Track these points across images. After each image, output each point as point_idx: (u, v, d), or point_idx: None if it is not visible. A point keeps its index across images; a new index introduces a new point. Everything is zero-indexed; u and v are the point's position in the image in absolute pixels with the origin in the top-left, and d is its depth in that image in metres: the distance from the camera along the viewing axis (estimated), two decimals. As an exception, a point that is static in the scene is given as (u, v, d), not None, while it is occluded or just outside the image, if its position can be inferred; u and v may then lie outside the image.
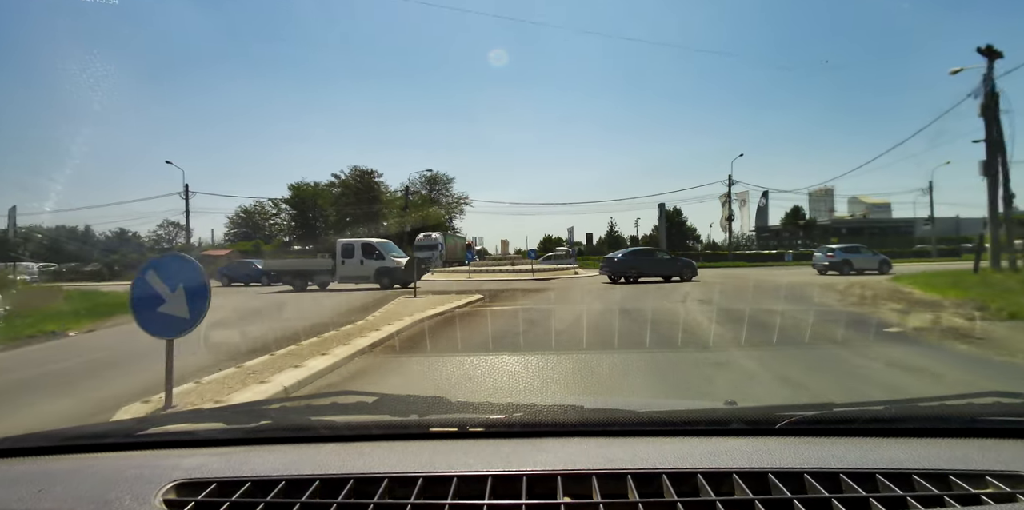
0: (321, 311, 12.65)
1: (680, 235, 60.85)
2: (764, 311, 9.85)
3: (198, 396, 4.56)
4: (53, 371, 6.52)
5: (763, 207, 48.69)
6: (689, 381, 4.99)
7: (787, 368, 5.39)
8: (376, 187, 56.65)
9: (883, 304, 10.56)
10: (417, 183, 68.99)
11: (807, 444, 1.04)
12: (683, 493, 0.86)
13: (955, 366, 5.52)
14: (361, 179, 56.76)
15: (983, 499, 0.82)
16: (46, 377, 6.15)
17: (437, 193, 71.68)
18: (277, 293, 19.95)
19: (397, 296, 14.59)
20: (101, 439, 1.19)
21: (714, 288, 16.34)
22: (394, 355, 6.79)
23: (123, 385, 5.26)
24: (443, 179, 70.03)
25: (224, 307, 10.91)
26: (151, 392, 4.38)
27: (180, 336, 4.03)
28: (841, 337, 6.94)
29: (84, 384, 5.71)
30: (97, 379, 5.95)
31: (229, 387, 4.79)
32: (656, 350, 6.40)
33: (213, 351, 6.16)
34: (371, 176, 56.95)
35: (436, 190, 71.26)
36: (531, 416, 1.18)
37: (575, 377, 5.31)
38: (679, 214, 63.10)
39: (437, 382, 5.21)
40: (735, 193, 46.32)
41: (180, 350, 4.23)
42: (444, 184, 70.84)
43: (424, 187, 70.44)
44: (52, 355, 7.86)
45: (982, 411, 1.16)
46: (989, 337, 6.80)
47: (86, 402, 4.86)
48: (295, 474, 0.94)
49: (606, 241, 70.26)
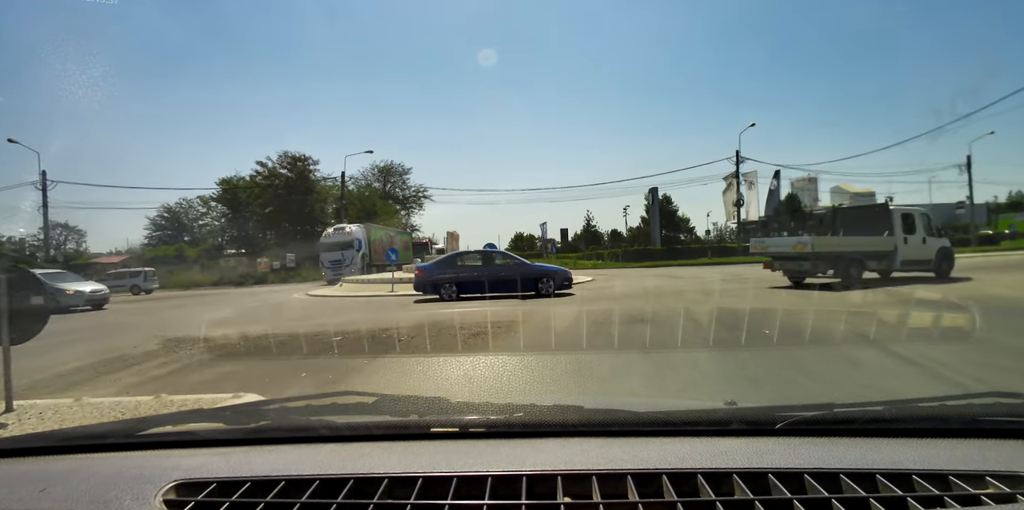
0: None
1: (671, 226, 52.93)
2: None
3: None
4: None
5: (775, 190, 40.46)
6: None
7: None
8: (311, 176, 46.96)
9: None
10: (369, 174, 59.42)
11: (807, 444, 1.03)
12: (683, 493, 0.85)
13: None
14: (292, 167, 46.95)
15: (983, 499, 0.81)
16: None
17: (392, 186, 62.25)
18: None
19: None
20: (101, 439, 1.19)
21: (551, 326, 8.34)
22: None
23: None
24: (398, 170, 60.70)
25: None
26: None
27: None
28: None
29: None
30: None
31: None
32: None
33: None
34: (305, 163, 47.18)
35: (391, 182, 61.83)
36: (531, 416, 1.18)
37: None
38: (669, 202, 55.26)
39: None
40: (743, 174, 38.53)
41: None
42: (400, 175, 61.46)
43: (376, 178, 60.87)
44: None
45: (982, 411, 1.14)
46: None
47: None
48: (295, 474, 0.94)
49: (583, 237, 62.11)
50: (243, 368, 6.28)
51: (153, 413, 4.07)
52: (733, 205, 39.27)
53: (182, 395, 4.68)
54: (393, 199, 60.26)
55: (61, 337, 9.57)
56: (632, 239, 55.02)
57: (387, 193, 60.18)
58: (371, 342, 7.26)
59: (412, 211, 62.18)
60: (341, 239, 30.86)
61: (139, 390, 5.26)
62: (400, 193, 62.07)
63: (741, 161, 38.41)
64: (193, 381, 5.62)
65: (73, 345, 8.76)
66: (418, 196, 61.18)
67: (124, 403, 4.51)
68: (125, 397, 4.84)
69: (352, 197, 48.46)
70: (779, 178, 39.92)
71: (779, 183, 39.99)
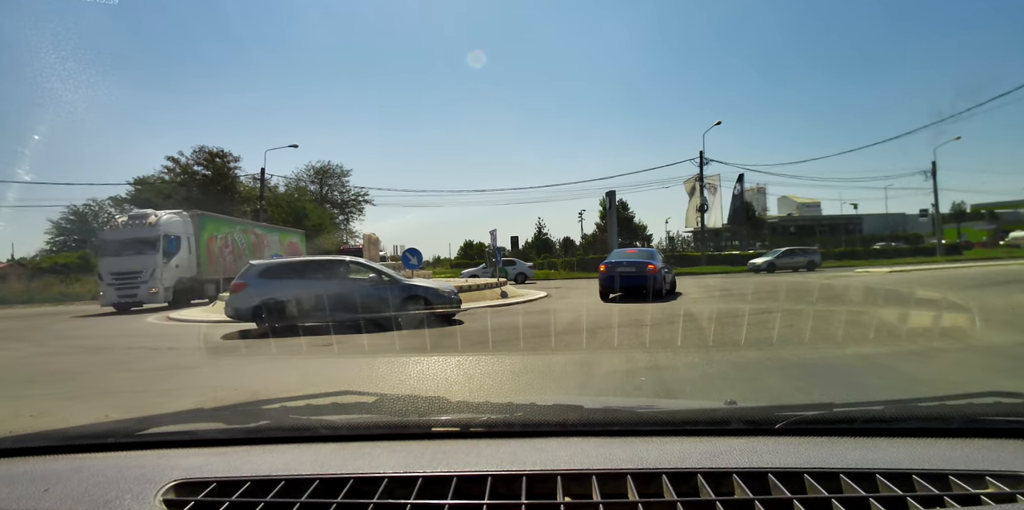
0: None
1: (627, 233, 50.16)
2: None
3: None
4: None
5: (738, 194, 37.91)
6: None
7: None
8: (230, 174, 41.63)
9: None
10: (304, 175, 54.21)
11: (807, 444, 1.03)
12: (683, 493, 0.85)
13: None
14: (210, 163, 41.51)
15: (983, 499, 0.81)
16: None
17: (330, 189, 57.22)
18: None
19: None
20: (101, 439, 1.19)
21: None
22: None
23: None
24: (336, 171, 55.72)
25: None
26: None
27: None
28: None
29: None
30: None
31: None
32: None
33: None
34: (224, 159, 41.83)
35: (329, 185, 56.78)
36: (531, 416, 1.18)
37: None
38: (625, 208, 52.49)
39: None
40: (706, 177, 35.66)
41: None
42: (338, 177, 56.45)
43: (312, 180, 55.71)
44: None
45: (982, 411, 1.15)
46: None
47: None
48: (295, 474, 0.94)
49: (533, 245, 58.91)
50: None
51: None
52: (697, 210, 36.48)
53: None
54: (331, 203, 55.29)
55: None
56: (587, 247, 52.19)
57: (324, 196, 55.16)
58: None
59: (352, 216, 57.23)
60: (138, 235, 18.49)
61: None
62: (338, 197, 57.13)
63: (705, 163, 35.72)
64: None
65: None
66: (357, 200, 56.37)
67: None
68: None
69: (280, 199, 43.41)
70: (743, 182, 37.68)
71: (742, 187, 37.70)
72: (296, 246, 30.12)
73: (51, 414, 4.29)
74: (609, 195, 37.75)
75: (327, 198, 55.54)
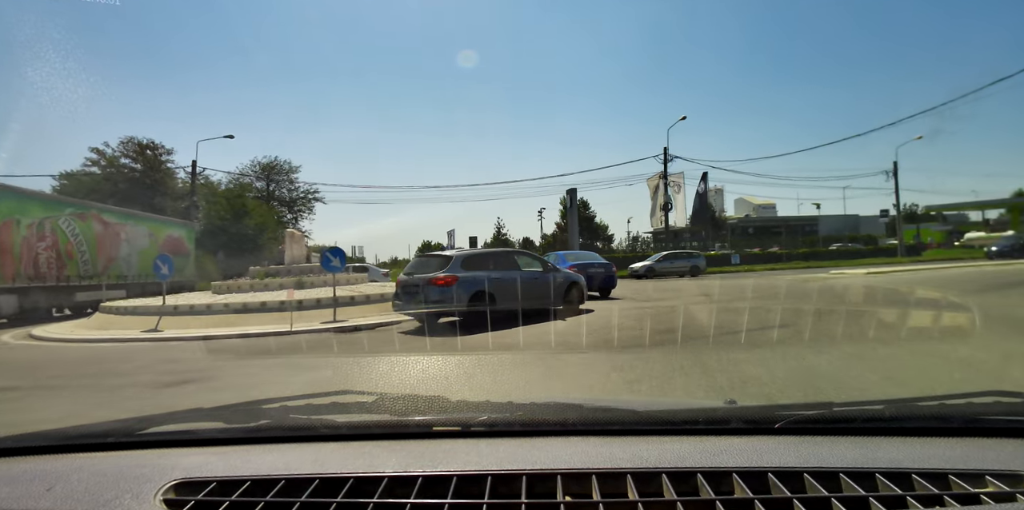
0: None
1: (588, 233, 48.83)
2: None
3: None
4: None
5: (702, 193, 36.79)
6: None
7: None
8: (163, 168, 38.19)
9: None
10: (250, 170, 50.83)
11: (807, 443, 1.02)
12: (683, 492, 0.85)
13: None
14: (139, 156, 37.97)
15: (983, 499, 0.80)
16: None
17: (278, 186, 53.91)
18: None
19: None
20: (101, 438, 1.18)
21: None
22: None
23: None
24: (284, 168, 52.50)
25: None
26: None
27: None
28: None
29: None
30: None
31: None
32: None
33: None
34: (156, 152, 38.34)
35: (276, 182, 53.47)
36: (531, 415, 1.17)
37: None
38: (586, 207, 51.15)
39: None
40: (669, 175, 34.41)
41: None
42: (286, 174, 53.21)
43: (258, 177, 52.33)
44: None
45: (982, 411, 1.14)
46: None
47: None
48: (295, 473, 0.93)
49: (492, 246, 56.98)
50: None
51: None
52: (660, 209, 35.25)
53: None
54: (278, 201, 52.09)
55: None
56: (547, 247, 50.66)
57: (270, 194, 51.92)
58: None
59: (301, 215, 54.09)
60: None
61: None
62: (287, 195, 53.92)
63: (670, 159, 34.46)
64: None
65: None
66: (307, 198, 53.31)
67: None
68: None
69: (219, 195, 40.18)
70: (707, 181, 36.77)
71: (706, 186, 36.82)
72: (179, 241, 24.08)
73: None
74: (570, 193, 36.20)
75: (274, 195, 52.36)
